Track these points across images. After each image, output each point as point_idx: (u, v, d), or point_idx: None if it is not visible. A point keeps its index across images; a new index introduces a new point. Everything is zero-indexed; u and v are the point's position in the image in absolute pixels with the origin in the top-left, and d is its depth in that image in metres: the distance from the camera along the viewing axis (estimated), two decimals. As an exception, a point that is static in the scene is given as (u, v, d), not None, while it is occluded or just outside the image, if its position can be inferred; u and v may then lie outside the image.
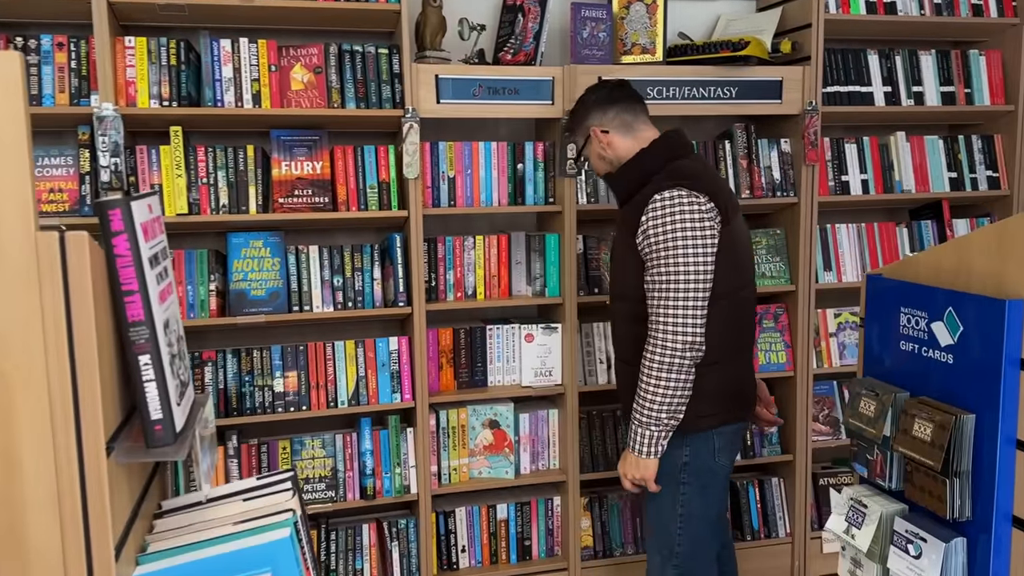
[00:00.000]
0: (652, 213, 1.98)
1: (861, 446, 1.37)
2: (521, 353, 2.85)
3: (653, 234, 1.98)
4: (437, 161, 2.73)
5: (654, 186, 2.03)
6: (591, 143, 2.20)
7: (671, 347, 1.95)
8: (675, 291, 1.95)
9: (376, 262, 2.70)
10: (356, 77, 2.62)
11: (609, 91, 2.19)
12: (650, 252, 1.99)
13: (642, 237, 2.00)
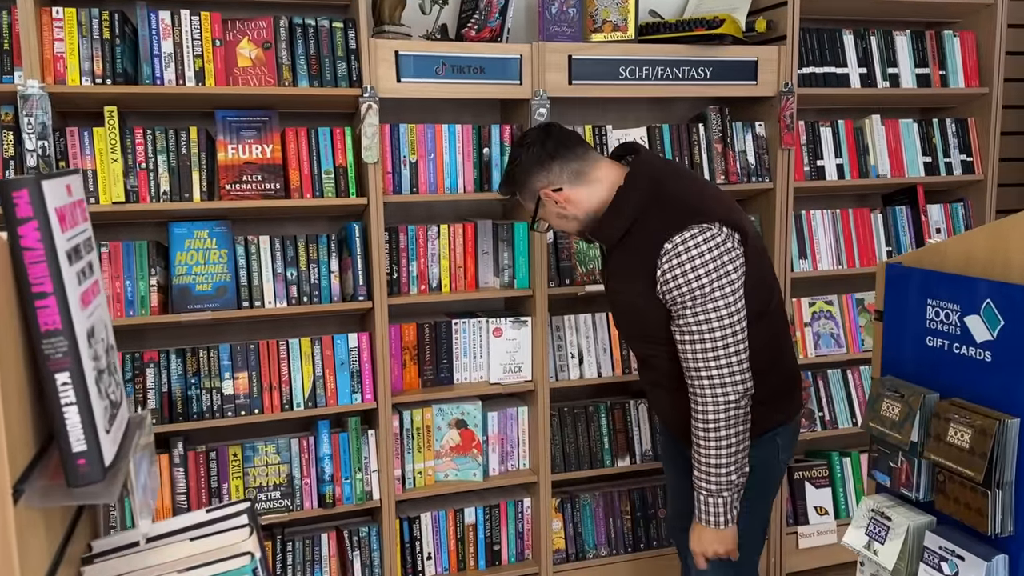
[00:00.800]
0: (668, 264, 1.70)
1: (883, 452, 1.25)
2: (489, 349, 2.69)
3: (675, 286, 1.70)
4: (398, 144, 2.55)
5: (655, 223, 1.74)
6: (544, 206, 1.87)
7: (723, 403, 1.71)
8: (713, 344, 1.70)
9: (333, 253, 2.51)
10: (309, 53, 2.43)
11: (541, 146, 1.85)
12: (675, 305, 1.73)
13: (662, 289, 1.73)
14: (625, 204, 1.79)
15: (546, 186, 1.84)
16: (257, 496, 2.52)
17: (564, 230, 1.94)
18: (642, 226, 1.76)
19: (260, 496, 2.52)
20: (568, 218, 1.87)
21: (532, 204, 1.89)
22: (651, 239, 1.73)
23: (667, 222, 1.73)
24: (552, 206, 1.86)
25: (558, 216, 1.88)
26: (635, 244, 1.78)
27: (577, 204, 1.85)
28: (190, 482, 2.46)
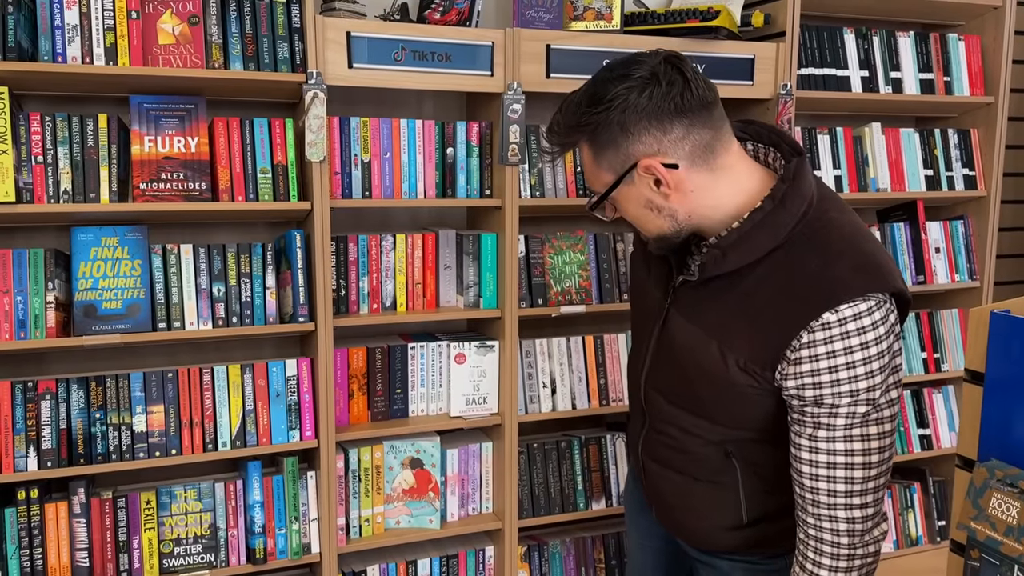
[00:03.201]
0: (826, 343, 1.14)
1: (987, 562, 0.94)
2: (450, 376, 2.35)
3: (828, 381, 1.16)
4: (348, 141, 2.20)
5: (813, 269, 1.17)
6: (633, 184, 1.22)
7: (860, 557, 1.23)
8: (865, 475, 1.19)
9: (269, 266, 2.15)
10: (244, 30, 2.06)
11: (668, 88, 1.18)
12: (811, 407, 1.20)
13: (794, 376, 1.19)
14: (780, 227, 1.18)
15: (653, 154, 1.17)
16: (174, 550, 2.14)
17: (643, 228, 1.29)
18: (783, 267, 1.18)
19: (178, 550, 2.14)
20: (662, 213, 1.23)
21: (613, 176, 1.22)
22: (798, 292, 1.15)
23: (836, 276, 1.14)
24: (646, 189, 1.21)
25: (647, 206, 1.23)
26: (761, 289, 1.18)
27: (686, 196, 1.21)
28: (93, 536, 2.07)
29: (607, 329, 2.58)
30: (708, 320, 1.26)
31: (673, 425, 1.38)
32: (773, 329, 1.18)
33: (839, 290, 1.14)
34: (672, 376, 1.35)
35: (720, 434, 1.33)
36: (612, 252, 2.48)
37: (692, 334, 1.29)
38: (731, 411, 1.30)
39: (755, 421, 1.29)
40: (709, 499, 1.37)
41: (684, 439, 1.37)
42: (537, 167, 2.36)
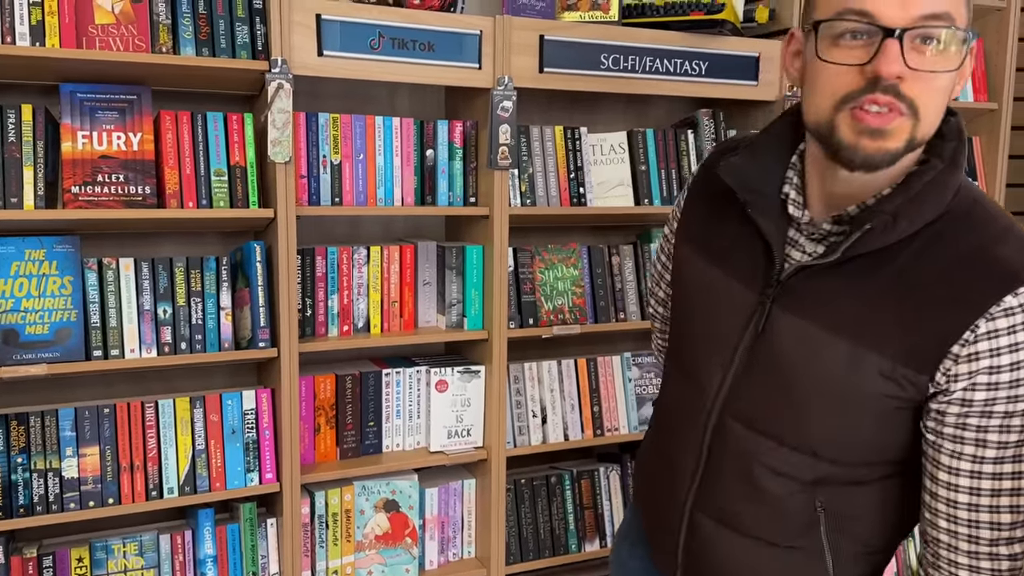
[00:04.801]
0: (1014, 339, 0.91)
1: None
2: (429, 406, 2.09)
3: (1008, 382, 0.93)
4: (316, 140, 1.93)
5: (975, 244, 0.95)
6: (963, 66, 0.94)
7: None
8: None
9: (224, 283, 1.86)
10: (197, 10, 1.78)
11: None
12: (981, 421, 0.95)
13: (962, 381, 0.94)
14: (947, 192, 0.96)
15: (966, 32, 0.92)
16: (110, 614, 1.83)
17: (896, 137, 0.92)
18: (944, 243, 0.95)
19: (114, 615, 1.84)
20: (939, 107, 0.94)
21: (961, 49, 0.91)
22: (969, 273, 0.93)
23: (1009, 256, 0.93)
24: (959, 77, 0.94)
25: (937, 99, 0.93)
26: (917, 270, 0.95)
27: (943, 99, 0.94)
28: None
29: (600, 351, 2.36)
30: (837, 314, 0.98)
31: (756, 462, 1.06)
32: (938, 319, 0.93)
33: (1019, 270, 0.92)
34: (769, 396, 1.04)
35: (822, 472, 1.03)
36: (607, 266, 2.25)
37: (809, 335, 1.00)
38: (850, 438, 1.01)
39: (881, 451, 1.02)
40: (784, 572, 1.09)
41: (767, 482, 1.05)
42: (528, 172, 2.12)
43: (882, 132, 0.91)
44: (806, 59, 0.98)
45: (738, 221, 1.09)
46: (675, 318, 1.23)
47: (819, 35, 0.92)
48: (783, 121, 1.10)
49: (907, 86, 0.89)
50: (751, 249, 1.07)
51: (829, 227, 1.02)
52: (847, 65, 0.91)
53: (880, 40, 0.88)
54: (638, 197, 2.24)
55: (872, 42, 0.89)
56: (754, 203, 1.05)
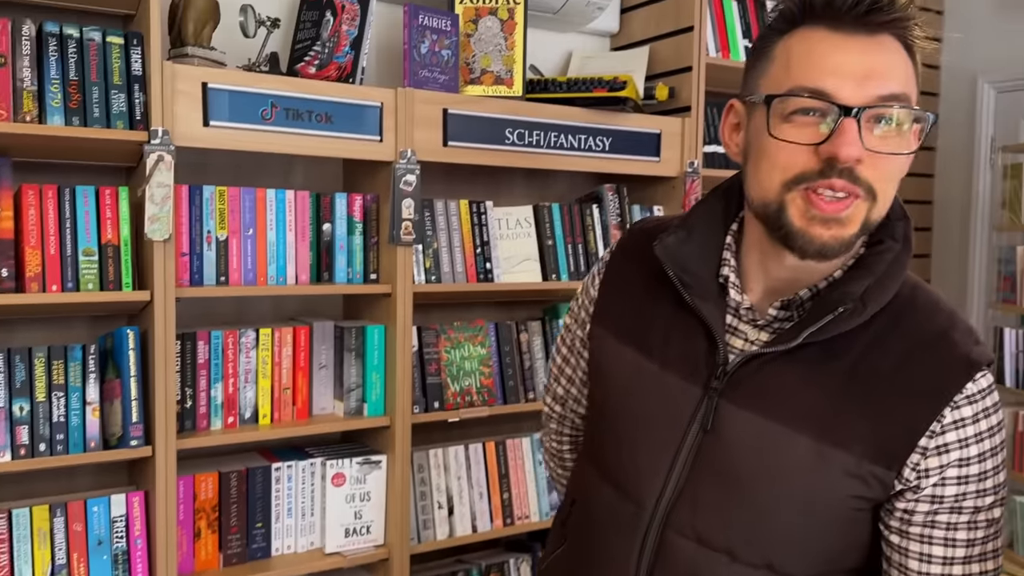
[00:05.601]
0: (978, 428, 0.86)
1: None
2: (325, 503, 1.92)
3: (974, 476, 0.87)
4: (200, 215, 1.78)
5: (927, 328, 0.90)
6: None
7: None
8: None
9: (91, 374, 1.66)
10: (67, 76, 1.62)
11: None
12: (948, 517, 0.88)
13: (937, 475, 0.86)
14: (900, 274, 0.90)
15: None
16: None
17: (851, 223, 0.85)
18: (898, 328, 0.89)
19: None
20: (890, 192, 0.87)
21: (917, 131, 0.87)
22: (928, 359, 0.87)
23: (961, 340, 0.88)
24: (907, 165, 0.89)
25: (893, 182, 0.87)
26: (875, 358, 0.88)
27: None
28: None
29: (509, 432, 2.25)
30: (797, 408, 0.88)
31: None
32: (902, 411, 0.86)
33: (973, 356, 0.87)
34: (721, 503, 0.91)
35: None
36: (516, 343, 2.17)
37: (766, 431, 0.89)
38: (812, 545, 0.90)
39: (841, 557, 0.92)
40: None
41: None
42: (433, 247, 2.02)
43: (837, 220, 0.83)
44: (751, 134, 0.89)
45: (671, 307, 0.97)
46: (595, 417, 1.09)
47: (770, 111, 0.84)
48: (714, 197, 1.00)
49: (864, 169, 0.82)
50: (690, 337, 0.95)
51: (775, 312, 0.92)
52: (800, 144, 0.83)
53: (837, 119, 0.81)
54: (546, 272, 2.18)
55: (827, 121, 0.82)
56: (693, 287, 0.94)
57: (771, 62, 0.87)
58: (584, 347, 1.12)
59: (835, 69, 0.82)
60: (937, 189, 3.46)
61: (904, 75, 0.84)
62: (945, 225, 3.45)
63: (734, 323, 0.95)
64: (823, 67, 0.82)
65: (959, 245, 3.41)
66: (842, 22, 0.83)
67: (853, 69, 0.82)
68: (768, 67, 0.87)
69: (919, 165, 3.34)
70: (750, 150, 0.89)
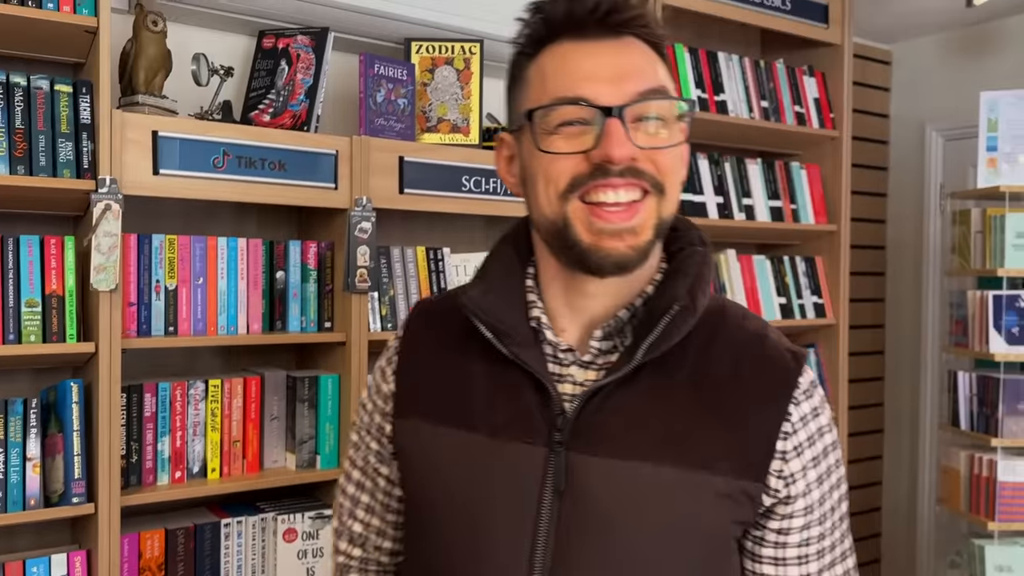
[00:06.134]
0: (820, 422, 0.85)
1: None
2: (276, 560, 1.87)
3: (830, 468, 0.86)
4: (148, 264, 1.74)
5: (746, 327, 0.88)
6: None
7: None
8: None
9: (32, 429, 1.61)
10: (13, 124, 1.59)
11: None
12: (818, 528, 0.85)
13: (801, 479, 0.83)
14: (709, 276, 0.87)
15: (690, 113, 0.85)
16: None
17: (643, 226, 0.81)
18: (719, 333, 0.86)
19: None
20: (677, 189, 0.84)
21: (682, 122, 0.83)
22: (758, 358, 0.85)
23: (776, 335, 0.88)
24: (684, 160, 0.86)
25: (677, 172, 0.84)
26: (710, 366, 0.84)
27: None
28: None
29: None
30: (651, 439, 0.81)
31: None
32: (752, 416, 0.82)
33: (793, 350, 0.87)
34: (598, 568, 0.81)
35: None
36: (472, 394, 2.14)
37: (627, 474, 0.81)
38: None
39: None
40: None
41: None
42: (389, 294, 2.00)
43: (629, 229, 0.80)
44: (523, 159, 0.85)
45: (487, 365, 0.87)
46: (421, 531, 0.91)
47: (535, 127, 0.81)
48: (503, 246, 0.93)
49: (643, 164, 0.79)
50: (517, 394, 0.85)
51: (598, 345, 0.85)
52: (571, 153, 0.79)
53: (602, 123, 0.78)
54: (502, 320, 2.17)
55: (593, 128, 0.79)
56: (509, 335, 0.85)
57: (527, 85, 0.84)
58: (382, 461, 0.96)
59: (589, 75, 0.80)
60: (889, 234, 3.54)
61: (656, 71, 0.83)
62: (898, 270, 3.52)
63: (558, 370, 0.86)
64: (577, 75, 0.80)
65: (912, 289, 3.47)
66: (586, 30, 0.82)
67: (607, 72, 0.80)
68: (526, 91, 0.85)
69: (872, 210, 3.44)
70: (526, 175, 0.85)
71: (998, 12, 3.03)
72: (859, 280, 3.28)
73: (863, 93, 3.36)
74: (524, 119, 0.82)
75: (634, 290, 0.86)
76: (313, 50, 1.94)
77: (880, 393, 3.53)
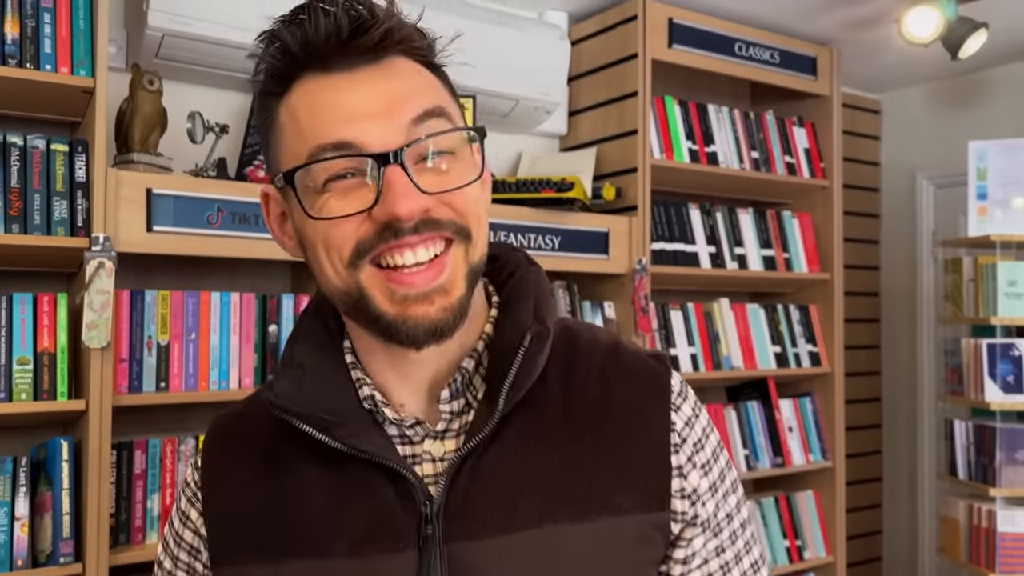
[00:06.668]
0: (702, 420, 0.77)
1: None
2: (266, 617, 1.84)
3: (723, 470, 0.77)
4: (141, 320, 1.75)
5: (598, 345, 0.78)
6: (485, 162, 0.73)
7: None
8: None
9: (22, 488, 1.60)
10: (9, 183, 1.62)
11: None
12: (728, 531, 0.76)
13: (704, 482, 0.74)
14: (548, 296, 0.77)
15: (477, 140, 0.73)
16: None
17: (453, 284, 0.69)
18: (571, 359, 0.76)
19: None
20: (482, 231, 0.72)
21: (472, 151, 0.72)
22: (620, 374, 0.75)
23: (630, 345, 0.80)
24: (483, 185, 0.74)
25: (478, 209, 0.71)
26: (573, 396, 0.74)
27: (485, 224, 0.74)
28: None
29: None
30: (537, 495, 0.69)
31: None
32: (637, 438, 0.72)
33: (651, 352, 0.78)
34: None
35: None
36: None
37: (523, 549, 0.68)
38: None
39: None
40: None
41: None
42: (379, 350, 2.01)
43: (438, 289, 0.67)
44: (296, 221, 0.71)
45: (319, 472, 0.72)
46: None
47: (299, 190, 0.66)
48: (309, 321, 0.78)
49: (440, 211, 0.66)
50: (368, 496, 0.70)
51: (448, 408, 0.72)
52: (349, 216, 0.65)
53: (379, 173, 0.64)
54: (495, 372, 2.17)
55: (368, 179, 0.65)
56: (341, 425, 0.70)
57: (281, 131, 0.69)
58: None
59: (350, 113, 0.66)
60: (883, 281, 3.55)
61: (431, 90, 0.70)
62: (893, 317, 3.53)
63: (411, 451, 0.72)
64: (334, 116, 0.66)
65: (907, 336, 3.47)
66: (332, 61, 0.67)
67: (370, 106, 0.66)
68: (281, 138, 0.70)
69: (865, 257, 3.45)
70: (302, 240, 0.71)
71: (983, 63, 3.08)
72: (853, 327, 3.28)
73: (853, 142, 3.40)
74: (284, 179, 0.68)
75: (470, 337, 0.74)
76: (307, 107, 1.97)
77: (879, 441, 3.51)
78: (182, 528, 0.79)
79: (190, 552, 0.79)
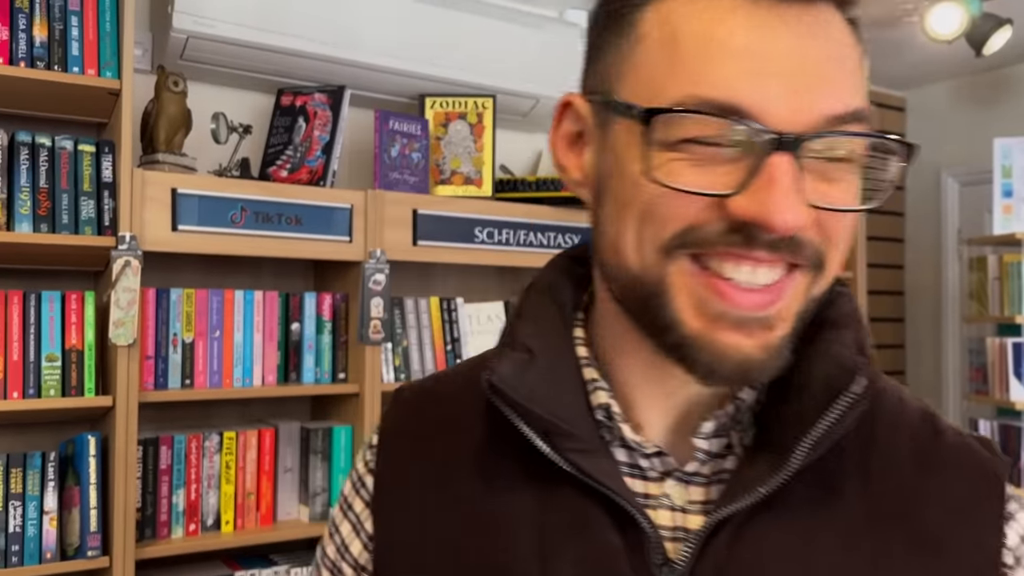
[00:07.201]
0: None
1: None
2: (289, 612, 1.86)
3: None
4: (167, 318, 1.78)
5: (913, 418, 0.56)
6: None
7: None
8: None
9: (50, 483, 1.63)
10: (37, 184, 1.64)
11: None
12: None
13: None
14: (868, 340, 0.55)
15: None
16: None
17: (783, 317, 0.49)
18: (886, 431, 0.55)
19: None
20: (846, 247, 0.51)
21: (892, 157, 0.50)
22: (942, 462, 0.55)
23: (953, 427, 0.58)
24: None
25: (848, 240, 0.50)
26: (882, 477, 0.54)
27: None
28: None
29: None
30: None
31: None
32: (952, 548, 0.53)
33: (977, 436, 0.58)
34: None
35: None
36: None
37: None
38: None
39: None
40: None
41: None
42: (402, 346, 2.02)
43: (762, 320, 0.48)
44: (606, 158, 0.51)
45: (531, 488, 0.55)
46: None
47: (652, 133, 0.47)
48: (538, 294, 0.61)
49: (809, 232, 0.48)
50: (584, 535, 0.53)
51: (706, 445, 0.53)
52: (698, 194, 0.46)
53: (763, 156, 0.45)
54: (516, 370, 2.17)
55: (742, 158, 0.46)
56: (568, 435, 0.53)
57: (638, 42, 0.49)
58: None
59: (758, 68, 0.46)
60: (907, 280, 3.52)
61: (858, 75, 0.50)
62: (917, 316, 3.50)
63: (643, 487, 0.54)
64: (737, 65, 0.46)
65: (932, 336, 3.44)
66: None
67: (785, 66, 0.46)
68: (634, 51, 0.50)
69: (889, 255, 3.42)
70: (605, 186, 0.52)
71: (1008, 60, 3.05)
72: (877, 326, 3.26)
73: (877, 139, 3.37)
74: (631, 112, 0.48)
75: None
76: (330, 107, 1.99)
77: (902, 440, 3.48)
78: (340, 526, 0.63)
79: (343, 539, 0.63)
